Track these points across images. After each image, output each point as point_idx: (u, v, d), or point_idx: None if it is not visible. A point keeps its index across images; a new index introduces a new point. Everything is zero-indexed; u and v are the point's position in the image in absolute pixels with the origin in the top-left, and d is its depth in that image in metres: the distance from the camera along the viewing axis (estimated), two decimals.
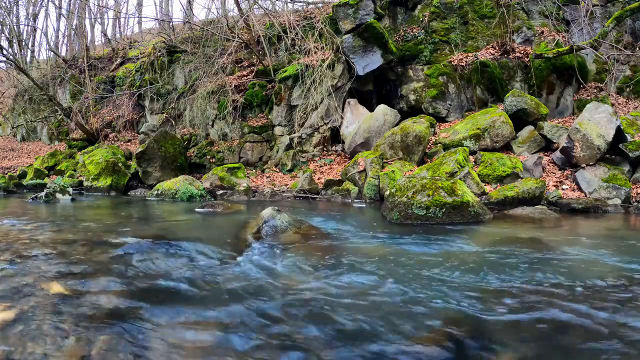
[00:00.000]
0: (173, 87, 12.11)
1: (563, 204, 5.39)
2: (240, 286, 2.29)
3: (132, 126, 12.48)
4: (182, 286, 2.27)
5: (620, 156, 6.12)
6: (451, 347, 1.63)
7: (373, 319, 1.85)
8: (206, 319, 1.87)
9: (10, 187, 9.07)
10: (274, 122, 9.48)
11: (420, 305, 2.02)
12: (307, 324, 1.81)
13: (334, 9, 8.83)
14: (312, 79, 8.69)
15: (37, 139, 15.34)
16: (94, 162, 9.02)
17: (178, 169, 8.94)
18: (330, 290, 2.22)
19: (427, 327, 1.79)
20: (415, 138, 7.20)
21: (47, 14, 37.57)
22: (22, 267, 2.50)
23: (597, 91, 8.29)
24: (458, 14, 9.11)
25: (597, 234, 4.00)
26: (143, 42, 16.05)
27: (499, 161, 6.34)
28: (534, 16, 8.99)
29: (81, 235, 3.52)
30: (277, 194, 7.33)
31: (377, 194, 6.44)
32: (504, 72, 8.26)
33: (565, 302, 2.07)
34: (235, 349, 1.61)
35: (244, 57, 11.07)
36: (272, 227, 3.56)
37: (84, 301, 2.01)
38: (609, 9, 8.68)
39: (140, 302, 2.02)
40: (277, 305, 2.02)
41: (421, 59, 9.04)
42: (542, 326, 1.80)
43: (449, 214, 4.28)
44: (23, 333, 1.66)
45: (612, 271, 2.60)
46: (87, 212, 5.73)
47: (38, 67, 17.20)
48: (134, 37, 18.20)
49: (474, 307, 2.00)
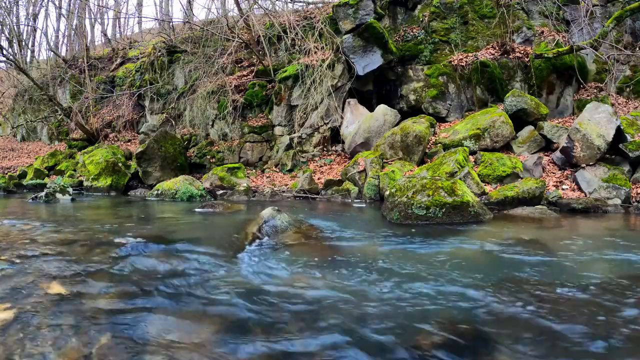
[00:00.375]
0: (173, 87, 12.11)
1: (563, 204, 5.39)
2: (240, 286, 2.29)
3: (132, 126, 12.48)
4: (182, 286, 2.27)
5: (620, 156, 6.12)
6: (450, 347, 1.63)
7: (373, 319, 1.85)
8: (206, 319, 1.87)
9: (10, 187, 9.07)
10: (274, 122, 9.48)
11: (420, 305, 2.02)
12: (307, 324, 1.81)
13: (334, 9, 8.83)
14: (312, 79, 8.69)
15: (37, 139, 15.34)
16: (94, 162, 9.02)
17: (178, 169, 8.94)
18: (330, 290, 2.22)
19: (426, 326, 1.79)
20: (415, 138, 7.21)
21: (47, 14, 37.61)
22: (22, 267, 2.50)
23: (597, 91, 8.29)
24: (458, 14, 9.11)
25: (597, 234, 3.99)
26: (143, 42, 16.05)
27: (499, 161, 6.34)
28: (534, 16, 9.00)
29: (81, 235, 3.52)
30: (277, 194, 7.33)
31: (377, 194, 6.44)
32: (504, 72, 8.26)
33: (564, 301, 2.07)
34: (234, 348, 1.61)
35: (244, 57, 11.07)
36: (272, 227, 3.56)
37: (84, 301, 2.01)
38: (609, 9, 8.68)
39: (140, 302, 2.02)
40: (277, 305, 2.02)
41: (421, 59, 9.04)
42: (542, 326, 1.80)
43: (449, 214, 4.28)
44: (23, 333, 1.66)
45: (612, 271, 2.60)
46: (87, 212, 5.73)
47: (38, 67, 17.20)
48: (134, 37, 18.20)
49: (474, 307, 2.00)
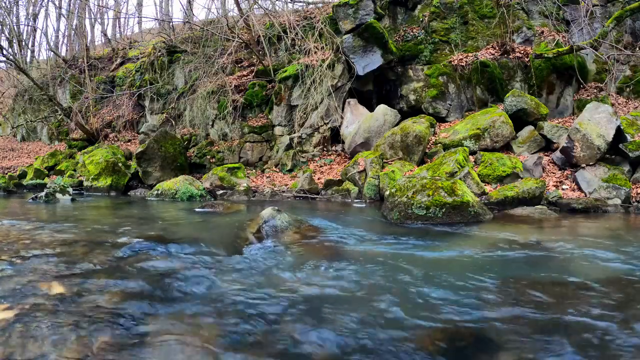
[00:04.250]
0: (173, 87, 12.11)
1: (563, 204, 5.39)
2: (240, 286, 2.29)
3: (132, 126, 12.48)
4: (182, 286, 2.27)
5: (620, 156, 6.12)
6: (450, 347, 1.62)
7: (373, 319, 1.85)
8: (206, 319, 1.87)
9: (10, 187, 9.07)
10: (274, 122, 9.48)
11: (420, 305, 2.02)
12: (306, 324, 1.81)
13: (334, 9, 8.83)
14: (312, 79, 8.68)
15: (37, 139, 15.34)
16: (94, 162, 9.02)
17: (178, 169, 8.94)
18: (330, 291, 2.22)
19: (426, 326, 1.79)
20: (415, 138, 7.20)
21: (47, 14, 37.62)
22: (22, 267, 2.50)
23: (597, 91, 8.29)
24: (458, 14, 9.11)
25: (597, 233, 3.99)
26: (143, 42, 16.04)
27: (499, 161, 6.34)
28: (534, 16, 8.99)
29: (81, 235, 3.52)
30: (277, 194, 7.33)
31: (377, 194, 6.44)
32: (504, 72, 8.26)
33: (564, 301, 2.07)
34: (234, 348, 1.61)
35: (244, 57, 11.07)
36: (272, 227, 3.56)
37: (84, 301, 2.01)
38: (609, 9, 8.67)
39: (140, 302, 2.02)
40: (277, 305, 2.02)
41: (421, 59, 9.04)
42: (543, 325, 1.80)
43: (449, 214, 4.28)
44: (23, 333, 1.66)
45: (612, 271, 2.60)
46: (87, 212, 5.73)
47: (38, 67, 17.20)
48: (134, 37, 18.19)
49: (474, 307, 2.00)
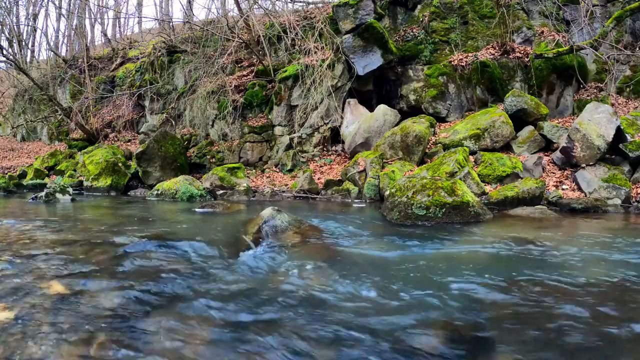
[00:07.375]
0: (173, 87, 12.10)
1: (563, 204, 5.39)
2: (239, 286, 2.29)
3: (132, 126, 12.48)
4: (182, 286, 2.27)
5: (620, 156, 6.12)
6: (450, 347, 1.62)
7: (373, 319, 1.85)
8: (205, 319, 1.87)
9: (10, 187, 9.06)
10: (274, 122, 9.48)
11: (420, 305, 2.02)
12: (306, 324, 1.81)
13: (334, 9, 8.83)
14: (312, 79, 8.68)
15: (37, 139, 15.34)
16: (94, 162, 9.02)
17: (178, 169, 8.94)
18: (330, 291, 2.22)
19: (427, 326, 1.79)
20: (415, 138, 7.20)
21: (47, 14, 37.51)
22: (22, 267, 2.50)
23: (597, 91, 8.29)
24: (458, 14, 9.11)
25: (597, 234, 3.99)
26: (143, 42, 16.04)
27: (499, 161, 6.34)
28: (534, 16, 8.99)
29: (81, 235, 3.52)
30: (277, 194, 7.33)
31: (377, 194, 6.44)
32: (504, 72, 8.26)
33: (564, 301, 2.07)
34: (233, 348, 1.61)
35: (244, 57, 11.06)
36: (272, 227, 3.56)
37: (84, 301, 2.01)
38: (609, 9, 8.67)
39: (140, 302, 2.02)
40: (277, 305, 2.02)
41: (421, 59, 9.04)
42: (542, 325, 1.80)
43: (449, 214, 4.28)
44: (23, 333, 1.66)
45: (612, 271, 2.60)
46: (87, 212, 5.73)
47: (38, 67, 17.19)
48: (134, 37, 18.19)
49: (474, 307, 2.00)
